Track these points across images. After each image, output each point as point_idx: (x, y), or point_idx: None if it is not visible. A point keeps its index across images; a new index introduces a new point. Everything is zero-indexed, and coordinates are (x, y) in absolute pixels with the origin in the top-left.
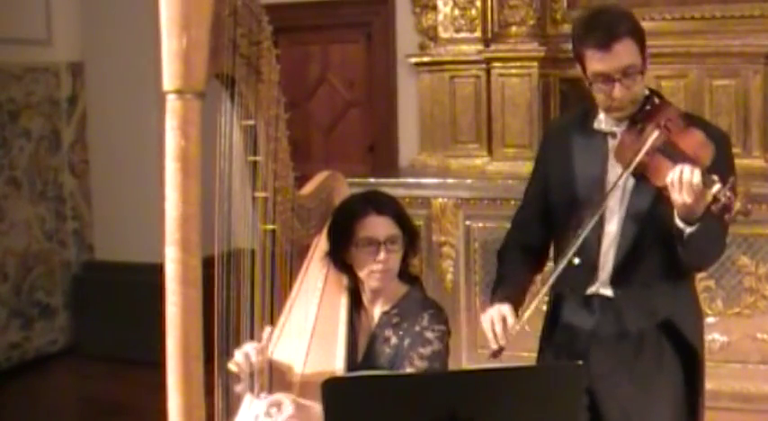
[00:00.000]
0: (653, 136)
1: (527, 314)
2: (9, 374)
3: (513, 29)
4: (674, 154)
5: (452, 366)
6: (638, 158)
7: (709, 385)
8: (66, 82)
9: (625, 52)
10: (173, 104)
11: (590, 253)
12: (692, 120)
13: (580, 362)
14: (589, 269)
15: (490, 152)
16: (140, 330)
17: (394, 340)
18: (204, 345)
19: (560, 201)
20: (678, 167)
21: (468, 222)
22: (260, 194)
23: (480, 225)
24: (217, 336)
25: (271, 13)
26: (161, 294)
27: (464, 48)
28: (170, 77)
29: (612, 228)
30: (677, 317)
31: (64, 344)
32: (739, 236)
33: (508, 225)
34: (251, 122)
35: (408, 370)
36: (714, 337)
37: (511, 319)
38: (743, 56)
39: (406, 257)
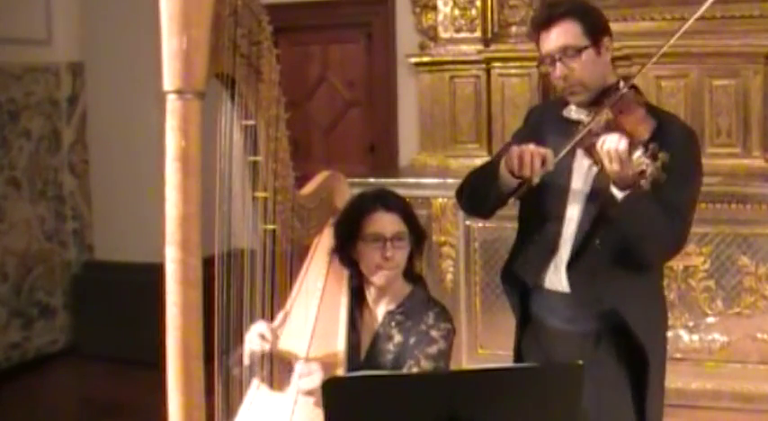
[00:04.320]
0: (600, 115)
1: (562, 154)
2: (9, 374)
3: (513, 29)
4: (615, 130)
5: (452, 366)
6: (582, 133)
7: (709, 385)
8: (66, 82)
9: (562, 33)
10: (173, 104)
11: (550, 233)
12: (654, 110)
13: (580, 362)
14: (547, 250)
15: (490, 152)
16: (140, 330)
17: (398, 338)
18: (204, 345)
19: None
20: (609, 136)
21: (468, 222)
22: (260, 194)
23: (480, 225)
24: (217, 336)
25: (271, 13)
26: (161, 294)
27: (464, 48)
28: (170, 77)
29: (574, 212)
30: (630, 316)
31: (64, 344)
32: (739, 236)
33: (508, 225)
34: (251, 122)
35: (414, 370)
36: (714, 337)
37: (551, 157)
38: (743, 56)
39: (411, 257)
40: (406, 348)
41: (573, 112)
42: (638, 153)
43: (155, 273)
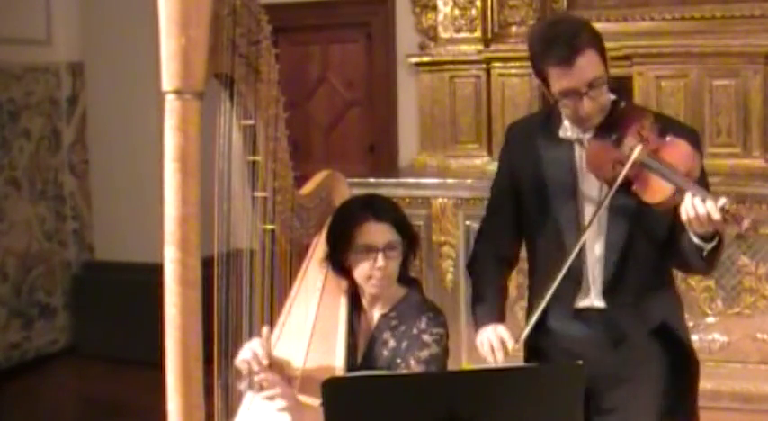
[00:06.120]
0: (636, 151)
1: (524, 335)
2: (9, 374)
3: (513, 29)
4: (663, 170)
5: (452, 366)
6: (622, 176)
7: (708, 385)
8: (66, 82)
9: (589, 65)
10: (172, 104)
11: (573, 269)
12: (662, 120)
13: (580, 362)
14: (574, 283)
15: (490, 152)
16: (140, 330)
17: (392, 343)
18: (204, 346)
19: (532, 208)
20: (690, 201)
21: (468, 222)
22: (259, 194)
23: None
24: (216, 337)
25: (271, 13)
26: (161, 294)
27: (464, 48)
28: (169, 77)
29: (592, 238)
30: (670, 319)
31: (64, 344)
32: (739, 236)
33: None
34: (250, 122)
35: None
36: (714, 337)
37: (510, 343)
38: (743, 56)
39: (405, 261)
40: (399, 352)
41: (570, 132)
42: (729, 207)
43: (155, 273)
